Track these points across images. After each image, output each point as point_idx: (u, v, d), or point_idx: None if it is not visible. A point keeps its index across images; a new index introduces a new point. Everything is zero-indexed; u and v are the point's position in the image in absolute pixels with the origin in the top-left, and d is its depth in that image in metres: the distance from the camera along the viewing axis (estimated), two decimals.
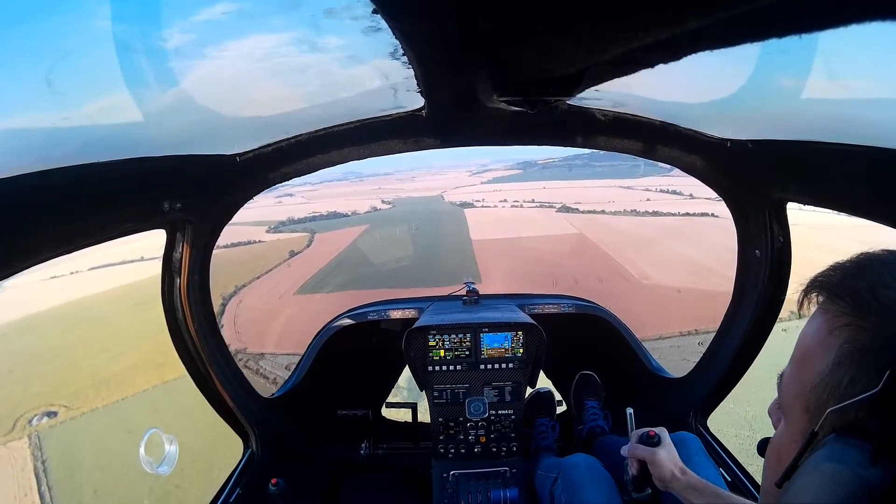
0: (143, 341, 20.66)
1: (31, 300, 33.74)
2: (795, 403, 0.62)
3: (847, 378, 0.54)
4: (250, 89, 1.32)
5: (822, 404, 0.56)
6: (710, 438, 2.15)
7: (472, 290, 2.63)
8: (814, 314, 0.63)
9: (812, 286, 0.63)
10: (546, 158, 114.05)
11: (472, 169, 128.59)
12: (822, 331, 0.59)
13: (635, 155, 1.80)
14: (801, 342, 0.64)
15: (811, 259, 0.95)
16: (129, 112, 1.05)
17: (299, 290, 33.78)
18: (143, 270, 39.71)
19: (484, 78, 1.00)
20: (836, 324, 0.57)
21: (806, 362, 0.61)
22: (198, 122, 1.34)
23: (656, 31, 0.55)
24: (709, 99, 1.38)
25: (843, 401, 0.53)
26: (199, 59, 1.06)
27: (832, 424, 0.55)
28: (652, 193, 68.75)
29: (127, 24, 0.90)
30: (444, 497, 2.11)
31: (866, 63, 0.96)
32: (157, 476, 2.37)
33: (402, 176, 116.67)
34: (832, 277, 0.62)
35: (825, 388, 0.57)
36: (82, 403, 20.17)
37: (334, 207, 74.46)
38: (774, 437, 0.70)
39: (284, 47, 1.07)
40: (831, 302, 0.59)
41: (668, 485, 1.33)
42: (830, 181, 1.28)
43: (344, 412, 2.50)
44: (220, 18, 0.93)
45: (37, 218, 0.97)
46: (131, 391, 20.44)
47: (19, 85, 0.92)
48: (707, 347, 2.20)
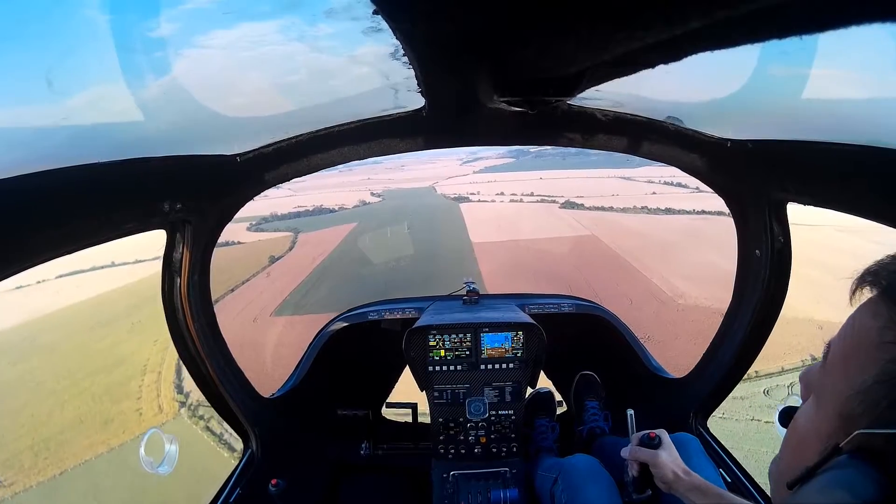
0: (93, 382, 18.61)
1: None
2: (830, 401, 0.59)
3: (886, 402, 0.51)
4: (251, 89, 1.32)
5: (856, 418, 0.54)
6: (710, 439, 2.15)
7: (472, 290, 2.63)
8: (868, 306, 0.58)
9: (867, 278, 0.58)
10: (538, 147, 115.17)
11: (462, 157, 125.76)
12: (872, 336, 0.55)
13: (635, 155, 1.80)
14: (851, 331, 0.59)
15: (836, 265, 0.83)
16: (129, 112, 1.05)
17: (277, 310, 29.43)
18: (113, 278, 36.89)
19: (484, 78, 1.00)
20: (885, 336, 0.53)
21: (850, 361, 0.57)
22: (198, 122, 1.34)
23: (656, 31, 0.54)
24: (709, 99, 1.38)
25: (876, 425, 0.51)
26: (199, 59, 1.05)
27: (857, 444, 0.53)
28: (656, 186, 65.78)
29: (127, 23, 0.90)
30: (444, 497, 2.11)
31: (866, 63, 0.96)
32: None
33: (392, 164, 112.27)
34: (891, 275, 0.56)
35: (861, 402, 0.54)
36: (15, 478, 16.67)
37: (321, 201, 70.90)
38: (799, 416, 0.67)
39: (285, 48, 1.07)
40: (885, 305, 0.54)
41: (672, 486, 1.33)
42: (830, 181, 1.28)
43: (344, 412, 2.50)
44: (220, 19, 0.93)
45: (37, 218, 0.97)
46: (71, 461, 17.35)
47: (19, 85, 0.92)
48: (707, 347, 2.20)
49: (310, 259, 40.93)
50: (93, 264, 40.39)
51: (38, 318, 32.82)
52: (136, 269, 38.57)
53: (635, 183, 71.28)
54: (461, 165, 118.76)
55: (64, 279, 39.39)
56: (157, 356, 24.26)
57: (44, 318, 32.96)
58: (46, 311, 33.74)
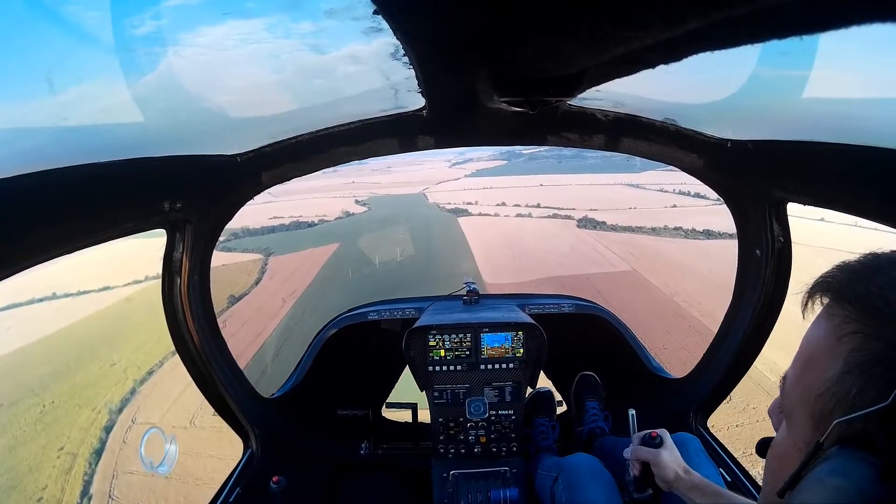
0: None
1: None
2: (800, 410, 0.60)
3: (855, 389, 0.52)
4: (251, 89, 1.32)
5: (829, 414, 0.55)
6: (710, 439, 2.15)
7: (472, 290, 2.63)
8: (819, 317, 0.61)
9: (817, 287, 0.61)
10: (531, 149, 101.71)
11: (450, 159, 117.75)
12: (829, 337, 0.57)
13: (635, 155, 1.80)
14: (806, 346, 0.61)
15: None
16: (128, 112, 1.05)
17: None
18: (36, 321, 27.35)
19: (484, 78, 1.00)
20: (844, 330, 0.55)
21: (811, 368, 0.59)
22: (198, 122, 1.34)
23: (656, 31, 0.54)
24: (709, 99, 1.38)
25: (851, 412, 0.52)
26: (199, 59, 1.06)
27: (838, 435, 0.53)
28: (672, 196, 58.25)
29: (128, 24, 0.90)
30: (444, 497, 2.11)
31: (866, 63, 0.97)
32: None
33: (378, 166, 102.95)
34: (839, 279, 0.59)
35: (832, 396, 0.55)
36: None
37: (300, 210, 62.21)
38: (776, 442, 0.68)
39: (285, 48, 1.08)
40: (839, 306, 0.57)
41: (673, 485, 1.33)
42: (830, 181, 1.29)
43: (344, 412, 2.50)
44: (220, 19, 0.93)
45: (37, 218, 0.97)
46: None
47: (19, 85, 0.92)
48: (707, 348, 2.20)
49: (278, 299, 30.47)
50: (32, 296, 30.47)
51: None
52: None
53: (646, 192, 64.06)
54: (450, 168, 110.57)
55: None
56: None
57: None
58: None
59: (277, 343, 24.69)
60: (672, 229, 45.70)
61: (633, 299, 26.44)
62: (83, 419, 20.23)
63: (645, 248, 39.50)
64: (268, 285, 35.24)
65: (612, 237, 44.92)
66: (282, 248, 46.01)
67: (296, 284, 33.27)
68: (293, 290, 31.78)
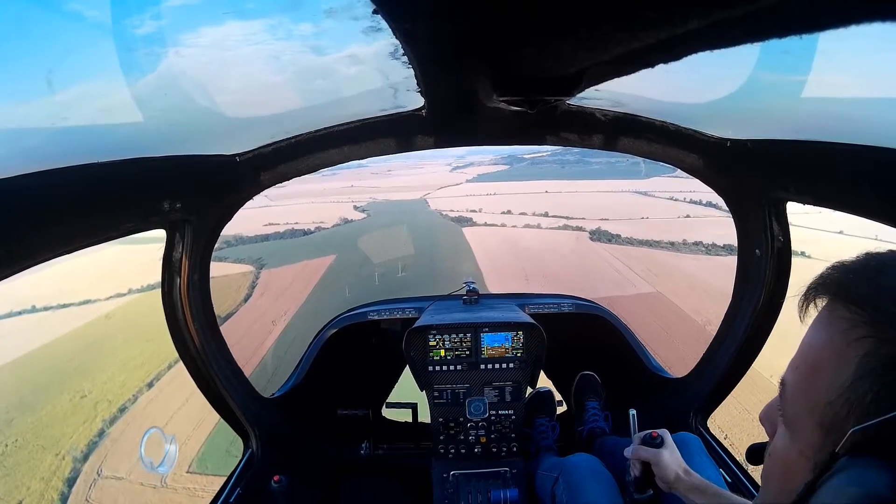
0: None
1: None
2: (806, 417, 0.58)
3: (870, 395, 0.50)
4: (250, 89, 1.32)
5: (841, 422, 0.52)
6: (710, 439, 2.15)
7: (472, 290, 2.63)
8: (821, 320, 0.58)
9: (818, 289, 0.58)
10: (533, 153, 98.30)
11: (451, 162, 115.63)
12: (836, 341, 0.54)
13: (635, 155, 1.80)
14: (809, 350, 0.59)
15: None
16: (128, 112, 1.05)
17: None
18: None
19: (484, 78, 1.00)
20: (853, 335, 0.52)
21: (818, 374, 0.56)
22: (198, 122, 1.34)
23: (656, 31, 0.54)
24: (709, 99, 1.38)
25: (867, 419, 0.50)
26: (199, 59, 1.06)
27: (852, 443, 0.51)
28: (684, 206, 54.55)
29: (128, 24, 0.90)
30: (444, 497, 2.11)
31: (866, 63, 0.97)
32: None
33: (377, 169, 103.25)
34: (840, 280, 0.57)
35: (844, 404, 0.52)
36: None
37: (297, 217, 59.65)
38: (775, 449, 0.66)
39: (285, 48, 1.08)
40: (845, 308, 0.54)
41: (673, 486, 1.33)
42: (830, 181, 1.28)
43: (344, 412, 2.50)
44: (220, 18, 0.93)
45: (37, 218, 0.97)
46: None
47: (19, 85, 0.92)
48: (707, 348, 2.20)
49: (266, 321, 27.86)
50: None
51: None
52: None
53: (656, 200, 61.13)
54: (451, 172, 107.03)
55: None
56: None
57: None
58: None
59: (268, 370, 21.57)
60: (692, 244, 42.73)
61: (665, 328, 24.00)
62: (45, 467, 18.30)
63: (666, 266, 36.87)
64: (258, 303, 32.98)
65: (629, 252, 42.05)
66: (275, 259, 44.11)
67: (288, 304, 31.04)
68: (285, 311, 29.56)
